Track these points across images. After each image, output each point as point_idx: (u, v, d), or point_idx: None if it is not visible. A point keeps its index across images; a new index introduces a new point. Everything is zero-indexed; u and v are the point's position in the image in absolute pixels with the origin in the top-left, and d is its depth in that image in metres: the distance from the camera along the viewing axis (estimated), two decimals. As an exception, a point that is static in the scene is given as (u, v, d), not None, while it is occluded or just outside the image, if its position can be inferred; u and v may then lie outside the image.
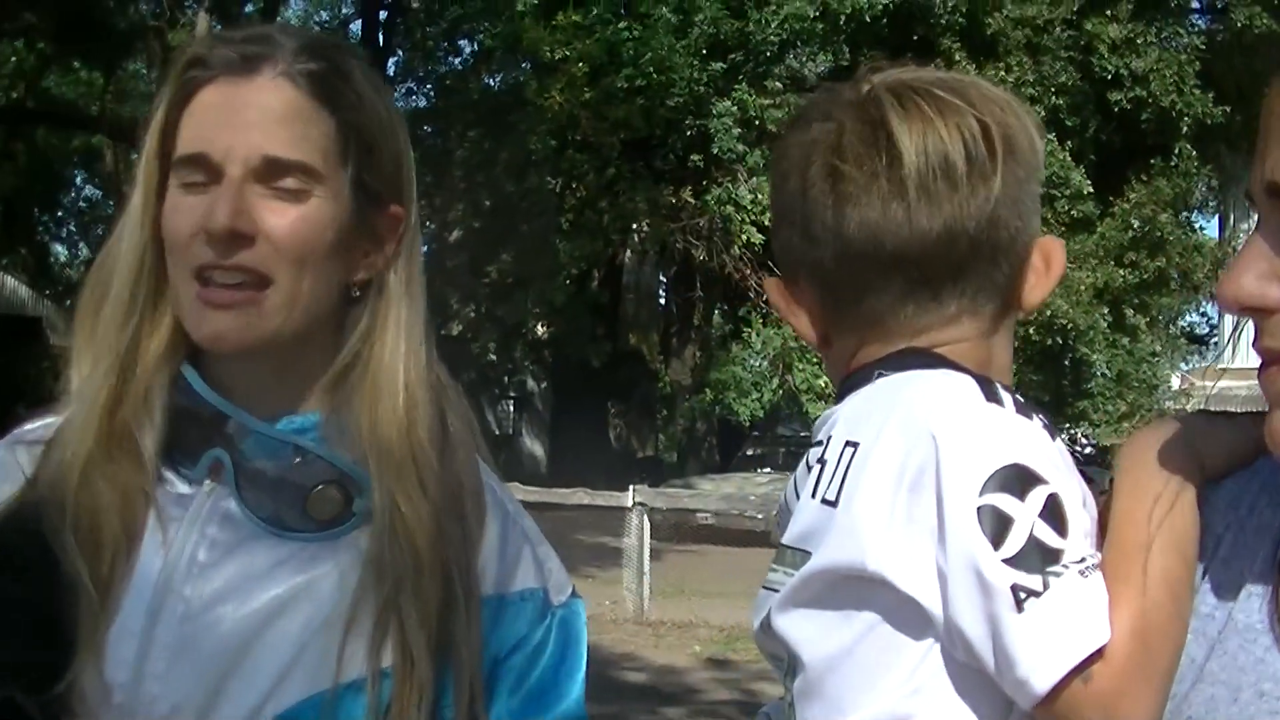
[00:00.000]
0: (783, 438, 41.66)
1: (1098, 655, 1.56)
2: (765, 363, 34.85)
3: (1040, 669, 1.57)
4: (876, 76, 1.86)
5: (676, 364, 39.39)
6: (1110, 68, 34.14)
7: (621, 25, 31.86)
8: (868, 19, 32.64)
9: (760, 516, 30.60)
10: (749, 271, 34.19)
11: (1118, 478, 1.69)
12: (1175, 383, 38.22)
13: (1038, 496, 1.61)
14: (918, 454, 1.64)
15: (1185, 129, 34.29)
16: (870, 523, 1.66)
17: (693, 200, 33.78)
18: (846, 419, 1.79)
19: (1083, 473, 1.74)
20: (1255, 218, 1.51)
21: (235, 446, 2.08)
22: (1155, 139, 34.01)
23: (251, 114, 2.03)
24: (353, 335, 2.12)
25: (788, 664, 1.79)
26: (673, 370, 39.09)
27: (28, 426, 2.18)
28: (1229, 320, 38.92)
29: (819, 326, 1.89)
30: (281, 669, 2.02)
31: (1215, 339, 41.69)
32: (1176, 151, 34.19)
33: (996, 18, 33.45)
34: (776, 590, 1.80)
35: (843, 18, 32.47)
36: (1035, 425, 1.69)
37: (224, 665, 2.01)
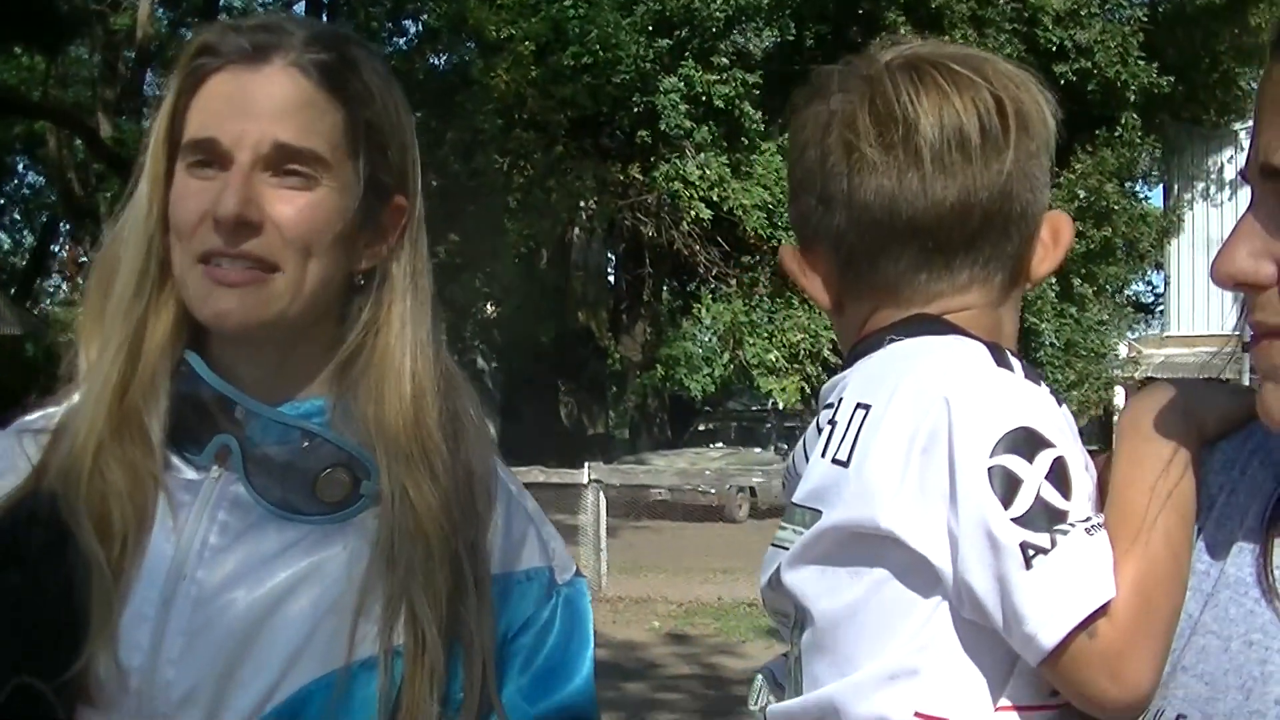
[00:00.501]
0: (734, 412, 41.85)
1: (1102, 611, 1.62)
2: (715, 338, 34.92)
3: (1048, 624, 1.62)
4: (892, 50, 1.91)
5: (627, 340, 39.43)
6: (1055, 40, 34.34)
7: (567, 3, 31.87)
8: (813, -7, 32.66)
9: (713, 491, 30.75)
10: (698, 247, 34.27)
11: (1118, 441, 1.74)
12: (1123, 351, 38.48)
13: (1045, 459, 1.66)
14: (930, 417, 1.69)
15: (1131, 99, 34.49)
16: (883, 483, 1.70)
17: (641, 177, 33.81)
18: (858, 382, 1.83)
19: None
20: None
21: (242, 432, 2.10)
22: (1101, 110, 34.20)
23: (262, 102, 2.05)
24: (356, 324, 2.15)
25: (795, 619, 1.84)
26: (623, 347, 39.14)
27: (30, 417, 2.20)
28: (1175, 288, 39.11)
29: (833, 292, 1.94)
30: (294, 650, 2.04)
31: (1161, 307, 41.93)
32: (1122, 122, 34.39)
33: (941, -10, 33.57)
34: (786, 548, 1.84)
35: (788, -8, 32.50)
36: (1043, 391, 1.74)
37: (238, 647, 2.03)
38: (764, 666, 1.98)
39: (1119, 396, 37.01)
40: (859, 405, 1.78)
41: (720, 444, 36.70)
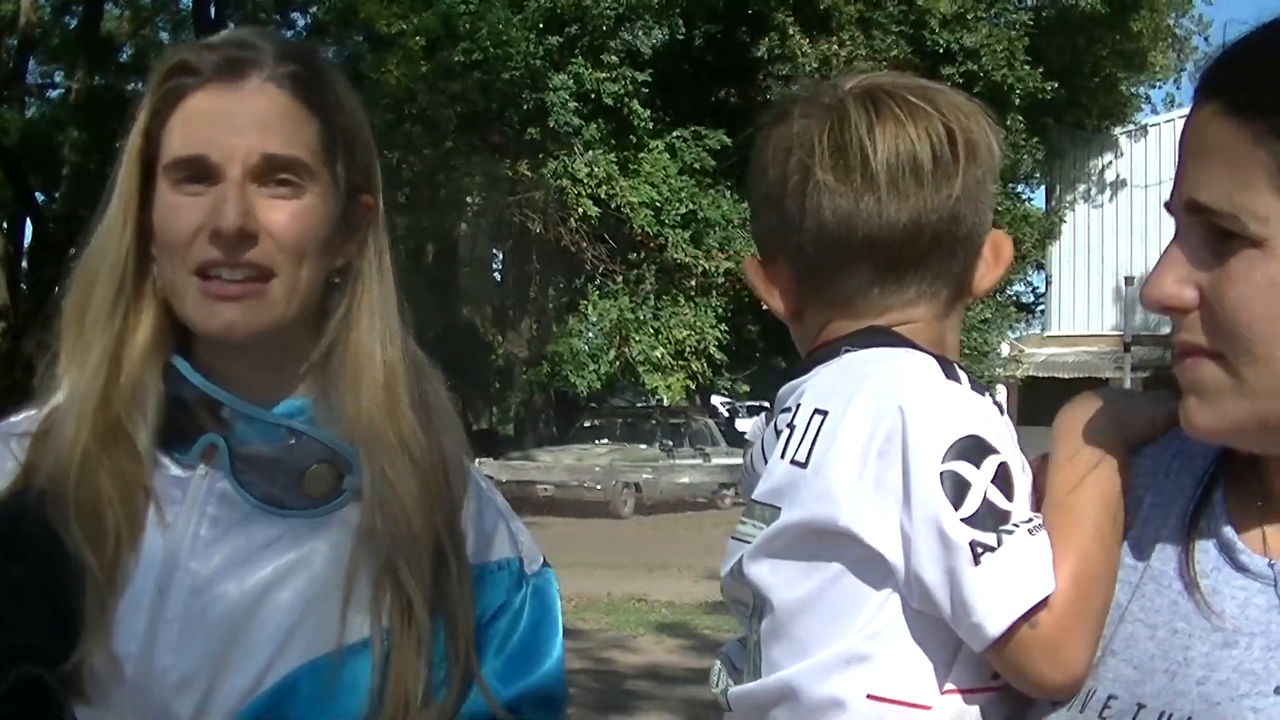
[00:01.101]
0: (619, 409, 41.76)
1: (1043, 604, 1.77)
2: (602, 335, 34.92)
3: (993, 615, 1.76)
4: (854, 80, 2.06)
5: (513, 336, 39.39)
6: (942, 42, 34.67)
7: (458, -2, 31.75)
8: (703, -8, 32.74)
9: (599, 487, 30.75)
10: (585, 244, 34.25)
11: (1053, 448, 1.91)
12: (1005, 350, 38.88)
13: (991, 464, 1.81)
14: (886, 424, 1.82)
15: (1016, 103, 34.85)
16: (841, 483, 1.84)
17: (529, 174, 33.75)
18: (815, 389, 1.96)
19: None
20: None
21: (228, 430, 2.21)
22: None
23: (247, 116, 2.16)
24: (333, 320, 2.27)
25: (754, 607, 1.98)
26: (509, 342, 39.10)
27: (14, 419, 2.29)
28: (1056, 288, 39.41)
29: (792, 303, 2.08)
30: (284, 635, 2.16)
31: (1042, 307, 42.42)
32: (1007, 124, 34.71)
33: (830, -8, 33.76)
34: (747, 541, 1.97)
35: (678, -9, 32.58)
36: (987, 401, 1.89)
37: (230, 634, 2.14)
38: (720, 651, 2.12)
39: (1001, 394, 37.34)
40: (816, 411, 1.92)
41: (605, 440, 36.70)
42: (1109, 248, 39.26)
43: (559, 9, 32.35)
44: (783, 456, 1.94)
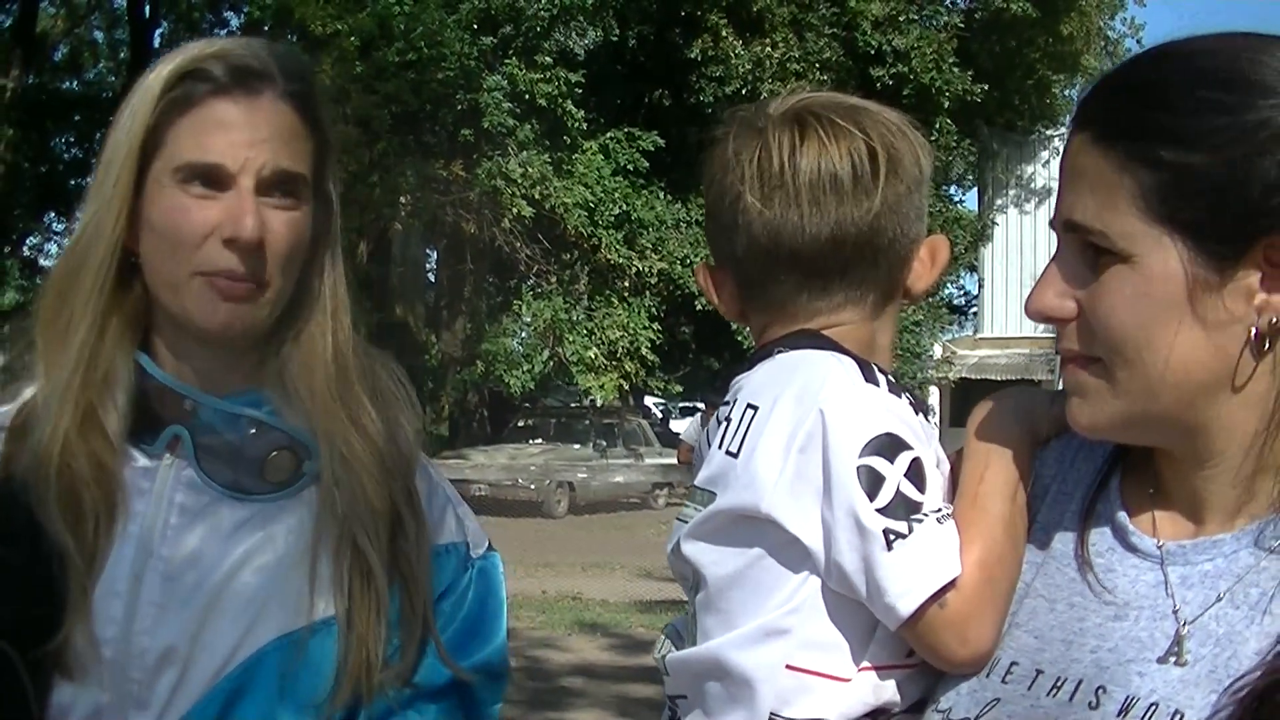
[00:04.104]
0: (552, 409, 41.80)
1: (951, 585, 1.94)
2: (535, 335, 34.92)
3: (905, 596, 1.93)
4: (786, 101, 2.22)
5: (447, 336, 39.32)
6: (873, 44, 34.79)
7: (393, -1, 31.67)
8: (637, -6, 32.74)
9: (533, 487, 30.75)
10: (519, 244, 34.19)
11: (966, 442, 2.08)
12: (937, 351, 39.08)
13: (904, 460, 1.98)
14: (808, 422, 1.99)
15: (946, 105, 35.04)
16: (765, 475, 2.01)
17: (463, 174, 33.69)
18: (749, 386, 2.14)
19: None
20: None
21: (192, 421, 2.32)
22: (917, 115, 34.44)
23: (264, 130, 2.26)
24: (290, 316, 2.37)
25: (692, 581, 2.15)
26: (443, 342, 39.03)
27: None
28: (988, 291, 39.48)
29: (736, 307, 2.26)
30: (252, 614, 2.28)
31: (975, 309, 42.64)
32: (937, 127, 34.86)
33: (762, -6, 33.82)
34: (686, 522, 2.16)
35: (612, -7, 32.57)
36: (903, 402, 2.06)
37: (203, 615, 2.26)
38: (669, 624, 2.30)
39: (934, 396, 37.63)
40: (749, 405, 2.09)
41: (539, 440, 36.74)
42: (1041, 250, 39.46)
43: (493, 10, 32.30)
44: (719, 446, 2.12)
